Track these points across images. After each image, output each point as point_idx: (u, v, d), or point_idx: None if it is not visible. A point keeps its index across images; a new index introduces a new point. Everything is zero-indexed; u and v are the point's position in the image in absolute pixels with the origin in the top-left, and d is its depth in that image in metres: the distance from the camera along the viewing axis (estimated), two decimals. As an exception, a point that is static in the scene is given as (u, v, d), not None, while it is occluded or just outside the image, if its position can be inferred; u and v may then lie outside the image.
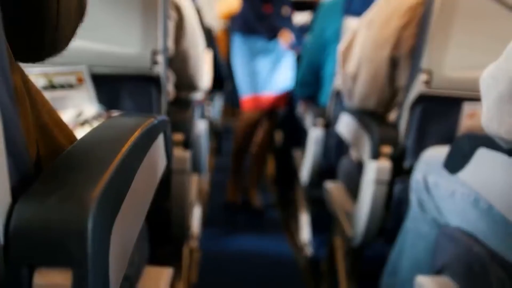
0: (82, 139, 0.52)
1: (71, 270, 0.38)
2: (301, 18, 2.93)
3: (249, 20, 2.46)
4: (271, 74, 2.54)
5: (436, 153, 1.04)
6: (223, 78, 2.76)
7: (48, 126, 0.56)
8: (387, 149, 1.27)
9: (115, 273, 0.46)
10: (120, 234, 0.47)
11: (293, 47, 2.50)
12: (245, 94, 2.60)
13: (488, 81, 0.72)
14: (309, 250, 2.12)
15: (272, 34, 2.45)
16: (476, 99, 0.91)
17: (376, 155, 1.28)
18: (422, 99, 1.26)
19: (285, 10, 2.51)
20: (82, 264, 0.38)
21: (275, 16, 2.46)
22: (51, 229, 0.38)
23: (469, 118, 1.25)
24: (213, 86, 2.31)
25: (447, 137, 1.25)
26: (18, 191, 0.40)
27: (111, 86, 1.20)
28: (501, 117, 0.68)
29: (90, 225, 0.38)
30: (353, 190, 1.49)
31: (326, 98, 2.09)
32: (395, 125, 1.35)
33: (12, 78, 0.41)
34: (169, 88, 1.42)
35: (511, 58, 0.67)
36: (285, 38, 2.46)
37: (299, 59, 2.54)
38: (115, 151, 0.48)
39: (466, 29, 1.19)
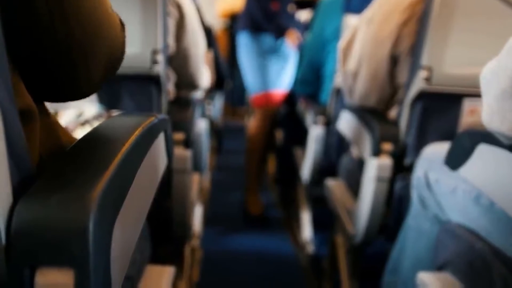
0: (82, 138, 0.52)
1: (73, 270, 0.38)
2: (301, 15, 2.93)
3: (257, 18, 2.44)
4: (281, 71, 2.52)
5: (437, 150, 1.04)
6: (223, 77, 2.76)
7: (53, 125, 0.56)
8: (387, 146, 1.27)
9: (117, 273, 0.46)
10: (121, 234, 0.47)
11: (300, 47, 2.49)
12: (256, 92, 2.57)
13: (489, 78, 0.72)
14: (310, 248, 2.12)
15: (279, 34, 2.43)
16: (477, 95, 0.91)
17: (376, 152, 1.28)
18: (422, 96, 1.26)
19: (291, 7, 2.49)
20: (83, 263, 0.38)
21: (282, 14, 2.44)
22: (52, 229, 0.38)
23: (470, 115, 1.25)
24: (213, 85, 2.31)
25: (448, 134, 1.25)
26: (19, 191, 0.40)
27: (111, 86, 1.21)
28: (503, 113, 0.68)
29: (91, 225, 0.38)
30: (354, 187, 1.49)
31: (326, 96, 2.09)
32: (395, 122, 1.35)
33: (11, 81, 0.41)
34: (170, 87, 1.42)
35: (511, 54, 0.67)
36: (293, 39, 2.44)
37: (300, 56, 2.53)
38: (115, 151, 0.48)
39: (466, 26, 1.19)
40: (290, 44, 2.45)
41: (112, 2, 1.19)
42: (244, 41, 2.51)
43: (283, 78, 2.54)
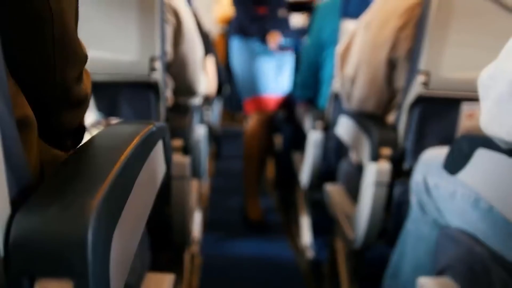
0: (81, 147, 0.52)
1: (72, 280, 0.38)
2: (297, 20, 2.92)
3: (244, 23, 2.43)
4: (274, 75, 2.49)
5: (436, 154, 1.05)
6: (221, 82, 2.75)
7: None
8: (386, 151, 1.27)
9: (116, 282, 0.46)
10: (120, 242, 0.47)
11: (281, 48, 2.44)
12: (247, 97, 2.55)
13: (487, 82, 0.72)
14: (310, 253, 2.12)
15: (263, 36, 2.40)
16: (475, 99, 0.91)
17: (375, 157, 1.28)
18: (420, 100, 1.26)
19: (282, 12, 2.47)
20: (82, 274, 0.38)
21: (270, 18, 2.41)
22: (51, 239, 0.37)
23: (468, 119, 1.25)
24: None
25: (446, 138, 1.25)
26: (18, 201, 0.40)
27: (109, 94, 1.21)
28: (501, 118, 0.68)
29: (90, 235, 0.38)
30: (353, 192, 1.48)
31: (324, 100, 2.09)
32: (394, 127, 1.35)
33: (9, 89, 0.41)
34: (168, 94, 1.42)
35: (509, 58, 0.67)
36: (272, 39, 2.39)
37: (297, 61, 2.53)
38: (114, 160, 0.48)
39: (464, 30, 1.19)
40: (270, 44, 2.41)
41: (110, 10, 1.19)
42: (235, 46, 2.50)
43: (276, 83, 2.51)
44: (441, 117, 1.27)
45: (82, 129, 0.65)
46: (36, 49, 0.50)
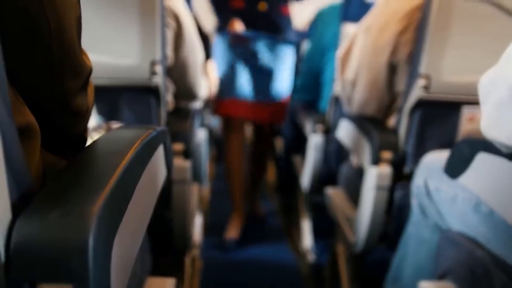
0: (82, 153, 0.53)
1: (73, 286, 0.38)
2: (300, 21, 2.89)
3: (218, 18, 2.26)
4: (254, 80, 2.24)
5: (436, 158, 1.05)
6: None
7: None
8: (387, 155, 1.27)
9: (117, 287, 0.46)
10: (121, 248, 0.47)
11: (243, 40, 2.17)
12: (221, 98, 2.28)
13: (487, 87, 0.72)
14: (311, 257, 2.12)
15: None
16: (475, 103, 0.91)
17: (376, 161, 1.28)
18: (421, 104, 1.26)
19: (262, 5, 2.19)
20: (83, 279, 0.38)
21: (247, 12, 2.17)
22: (52, 245, 0.37)
23: (469, 122, 1.25)
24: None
25: (447, 142, 1.25)
26: (18, 207, 0.40)
27: (110, 98, 1.21)
28: (502, 123, 0.68)
29: (91, 241, 0.38)
30: (354, 196, 1.48)
31: (325, 104, 2.09)
32: (394, 131, 1.35)
33: (10, 95, 0.42)
34: (169, 98, 1.42)
35: (509, 63, 0.67)
36: (231, 28, 2.15)
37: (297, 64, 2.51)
38: (115, 165, 0.48)
39: (464, 34, 1.20)
40: (231, 38, 2.17)
41: (110, 14, 1.19)
42: (215, 44, 2.30)
43: (258, 87, 2.25)
44: (441, 121, 1.27)
45: (84, 139, 0.65)
46: (32, 61, 0.50)
